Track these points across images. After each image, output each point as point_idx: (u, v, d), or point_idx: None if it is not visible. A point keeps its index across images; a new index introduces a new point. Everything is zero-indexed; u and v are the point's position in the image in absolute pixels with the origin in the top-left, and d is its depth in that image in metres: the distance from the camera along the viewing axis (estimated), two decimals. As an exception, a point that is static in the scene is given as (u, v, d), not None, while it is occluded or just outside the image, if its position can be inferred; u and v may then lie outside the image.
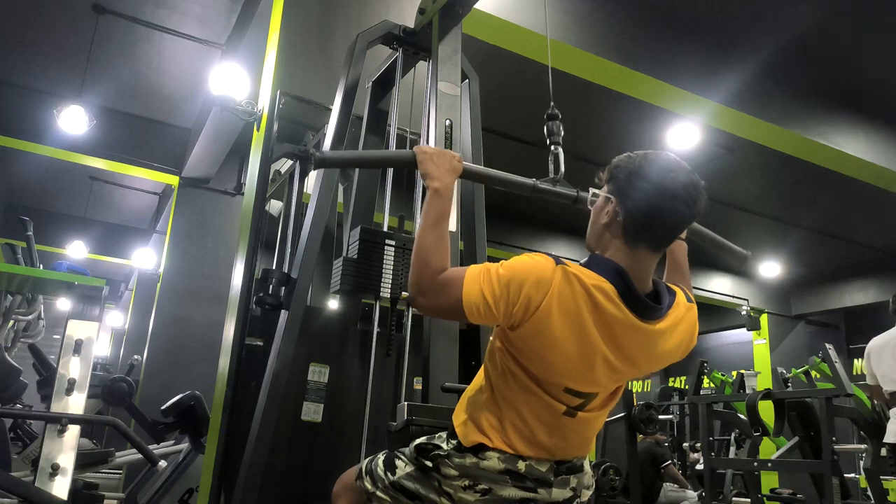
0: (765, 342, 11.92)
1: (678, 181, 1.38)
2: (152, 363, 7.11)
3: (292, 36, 3.62)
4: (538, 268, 1.35)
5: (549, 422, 1.42)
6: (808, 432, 4.90)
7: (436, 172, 1.60)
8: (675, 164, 1.41)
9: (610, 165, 1.47)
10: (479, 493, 1.44)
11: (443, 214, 1.52)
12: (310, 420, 2.40)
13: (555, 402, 1.41)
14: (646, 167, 1.40)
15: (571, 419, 1.44)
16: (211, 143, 6.92)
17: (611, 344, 1.36)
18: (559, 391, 1.41)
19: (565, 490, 1.47)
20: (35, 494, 2.49)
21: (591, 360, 1.36)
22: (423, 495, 1.53)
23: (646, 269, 1.42)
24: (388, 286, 2.45)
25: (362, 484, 1.65)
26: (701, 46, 5.55)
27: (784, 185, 8.47)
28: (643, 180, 1.38)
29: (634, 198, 1.38)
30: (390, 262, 2.47)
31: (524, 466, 1.43)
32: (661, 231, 1.42)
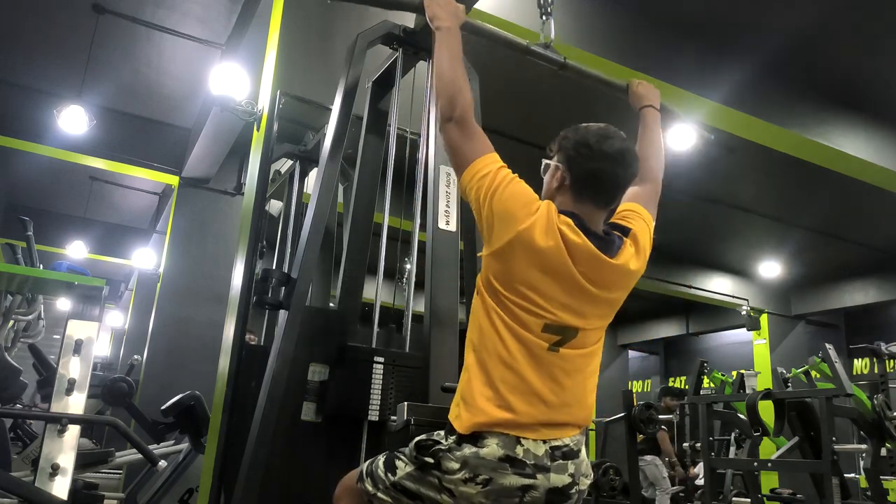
0: (765, 342, 11.92)
1: (614, 147, 1.60)
2: (152, 363, 7.11)
3: (292, 36, 3.62)
4: (529, 195, 1.56)
5: (535, 364, 1.51)
6: (808, 432, 4.90)
7: (442, 14, 1.86)
8: (612, 133, 1.63)
9: (558, 137, 1.68)
10: (479, 485, 1.46)
11: (454, 48, 1.78)
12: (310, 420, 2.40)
13: (537, 340, 1.52)
14: (587, 136, 1.62)
15: (556, 355, 1.53)
16: (211, 143, 6.91)
17: (580, 270, 1.53)
18: (539, 331, 1.52)
19: (564, 476, 1.50)
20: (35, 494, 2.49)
21: (566, 281, 1.53)
22: (423, 494, 1.54)
23: (595, 221, 1.61)
24: (377, 408, 2.27)
25: (363, 486, 1.65)
26: (701, 46, 5.55)
27: (784, 185, 8.47)
28: (585, 148, 1.60)
29: (579, 162, 1.60)
30: (378, 381, 2.29)
31: (522, 452, 1.46)
32: (603, 189, 1.61)
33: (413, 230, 2.52)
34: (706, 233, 10.46)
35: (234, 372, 2.78)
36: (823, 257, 11.03)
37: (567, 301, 1.53)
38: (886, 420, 4.85)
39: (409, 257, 2.74)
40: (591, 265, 1.54)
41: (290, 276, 2.42)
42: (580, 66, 2.29)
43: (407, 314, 2.50)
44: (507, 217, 1.51)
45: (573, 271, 1.52)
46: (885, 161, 6.56)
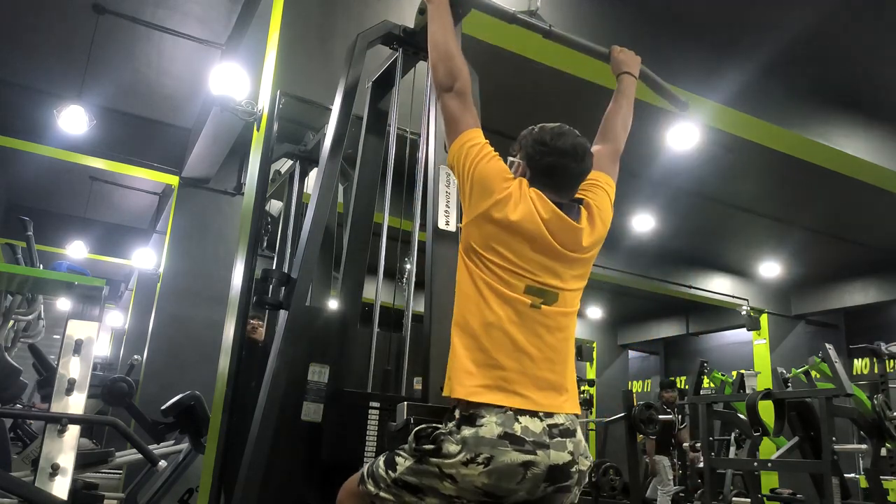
0: (765, 342, 11.92)
1: (567, 143, 1.72)
2: (152, 363, 7.11)
3: (292, 36, 3.62)
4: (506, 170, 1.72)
5: (518, 321, 1.61)
6: (808, 432, 4.90)
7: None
8: (565, 130, 1.75)
9: (519, 137, 1.80)
10: (481, 465, 1.48)
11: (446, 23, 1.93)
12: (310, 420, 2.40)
13: (521, 297, 1.63)
14: (542, 134, 1.75)
15: (538, 312, 1.63)
16: (211, 143, 6.91)
17: (552, 234, 1.66)
18: (521, 292, 1.63)
19: (563, 453, 1.54)
20: (35, 494, 2.49)
21: (541, 243, 1.65)
22: (426, 486, 1.55)
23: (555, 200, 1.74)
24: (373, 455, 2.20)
25: (365, 488, 1.66)
26: (701, 46, 5.55)
27: (784, 185, 8.47)
28: (541, 145, 1.73)
29: (536, 158, 1.73)
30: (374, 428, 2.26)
31: (520, 429, 1.50)
32: (559, 180, 1.74)
33: (413, 230, 2.52)
34: (706, 233, 10.46)
35: (234, 372, 2.78)
36: (823, 257, 11.03)
37: (545, 262, 1.66)
38: (886, 420, 4.86)
39: (409, 257, 2.74)
40: (560, 228, 1.68)
41: (290, 276, 2.42)
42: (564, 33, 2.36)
43: (407, 314, 2.50)
44: (486, 185, 1.67)
45: (545, 234, 1.65)
46: (885, 161, 6.56)
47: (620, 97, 2.18)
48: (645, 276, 10.94)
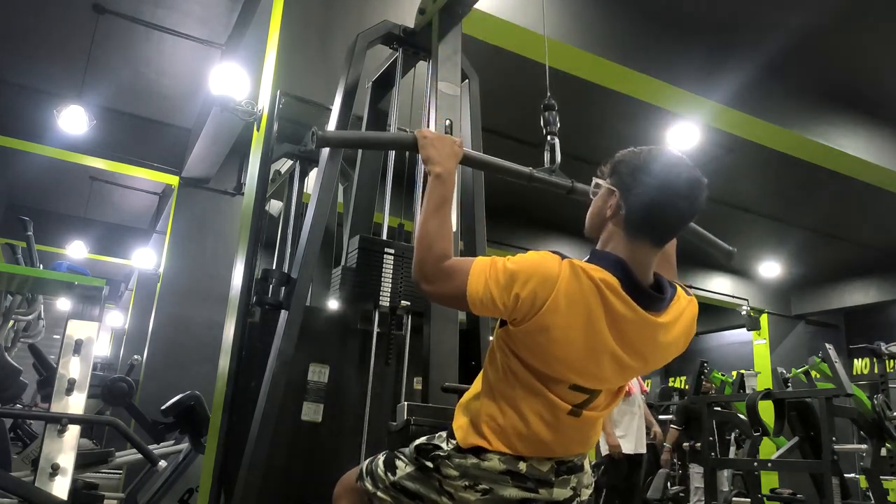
0: (765, 342, 11.92)
1: (681, 178, 1.40)
2: (152, 363, 7.11)
3: (292, 36, 3.62)
4: (545, 263, 1.35)
5: (551, 422, 1.41)
6: (808, 432, 4.90)
7: (437, 157, 1.60)
8: (678, 161, 1.43)
9: (613, 159, 1.48)
10: (479, 493, 1.44)
11: (445, 199, 1.54)
12: (310, 420, 2.40)
13: (558, 401, 1.41)
14: (650, 163, 1.41)
15: (576, 419, 1.43)
16: (211, 143, 6.91)
17: (618, 339, 1.36)
18: (564, 389, 1.41)
19: (566, 490, 1.48)
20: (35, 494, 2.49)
21: (598, 354, 1.37)
22: (423, 495, 1.53)
23: (647, 262, 1.43)
24: (388, 294, 2.47)
25: (363, 485, 1.65)
26: (701, 46, 5.55)
27: (784, 185, 8.47)
28: (647, 176, 1.40)
29: (637, 193, 1.40)
30: (389, 271, 2.50)
31: (525, 467, 1.43)
32: (663, 227, 1.43)
33: (413, 230, 2.52)
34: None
35: (234, 372, 2.77)
36: (823, 257, 11.03)
37: (599, 372, 1.40)
38: (886, 420, 4.86)
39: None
40: (636, 331, 1.38)
41: (290, 276, 2.42)
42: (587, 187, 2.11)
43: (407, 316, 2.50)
44: (524, 303, 1.33)
45: (611, 344, 1.36)
46: (885, 161, 6.56)
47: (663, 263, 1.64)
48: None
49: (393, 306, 2.48)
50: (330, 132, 2.05)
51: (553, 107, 2.00)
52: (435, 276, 1.43)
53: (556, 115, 2.01)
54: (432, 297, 1.52)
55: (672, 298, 1.44)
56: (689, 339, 1.51)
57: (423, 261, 1.45)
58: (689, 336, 1.50)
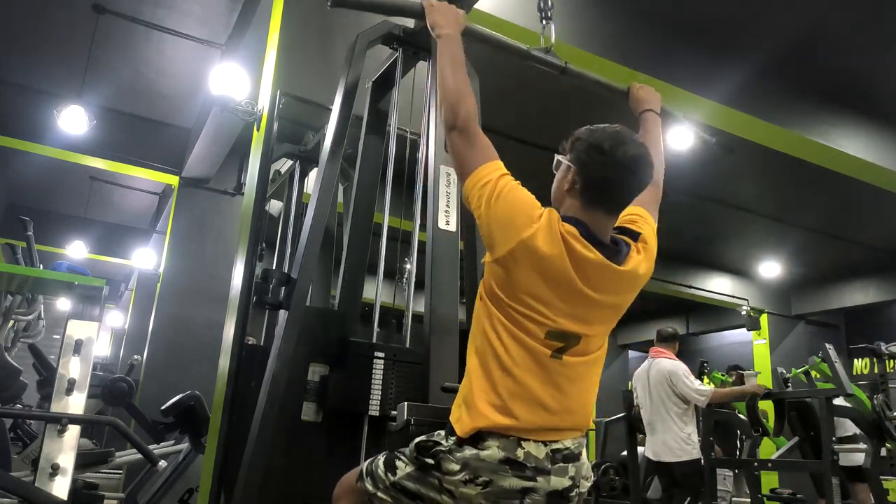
0: (765, 342, 11.92)
1: (628, 154, 1.55)
2: (152, 363, 7.11)
3: (292, 36, 3.62)
4: (530, 204, 1.54)
5: (538, 371, 1.50)
6: (808, 432, 4.90)
7: (442, 21, 1.84)
8: (626, 138, 1.57)
9: (572, 136, 1.63)
10: (479, 486, 1.46)
11: (455, 56, 1.76)
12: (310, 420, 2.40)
13: (539, 346, 1.51)
14: (601, 141, 1.56)
15: (559, 362, 1.52)
16: (211, 143, 6.91)
17: (584, 279, 1.51)
18: (542, 338, 1.51)
19: (564, 479, 1.50)
20: (35, 494, 2.49)
21: (567, 291, 1.51)
22: (423, 494, 1.54)
23: (604, 227, 1.58)
24: (377, 404, 2.28)
25: (363, 486, 1.65)
26: (701, 46, 5.55)
27: (784, 185, 8.47)
28: (598, 153, 1.55)
29: (590, 168, 1.56)
30: (379, 377, 2.30)
31: (522, 455, 1.46)
32: (614, 198, 1.59)
33: (413, 230, 2.52)
34: (706, 233, 10.46)
35: (234, 372, 2.78)
36: (823, 257, 11.03)
37: (570, 309, 1.52)
38: (886, 420, 4.86)
39: (409, 257, 2.74)
40: (599, 274, 1.52)
41: (290, 276, 2.42)
42: (580, 70, 2.29)
43: (407, 314, 2.50)
44: (509, 225, 1.49)
45: (575, 280, 1.49)
46: (885, 161, 6.56)
47: (648, 136, 2.00)
48: (645, 276, 10.93)
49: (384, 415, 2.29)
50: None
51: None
52: (464, 130, 1.63)
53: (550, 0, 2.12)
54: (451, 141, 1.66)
55: (629, 252, 1.60)
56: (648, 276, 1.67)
57: (457, 110, 1.65)
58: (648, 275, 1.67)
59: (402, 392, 2.29)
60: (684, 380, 4.60)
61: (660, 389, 4.73)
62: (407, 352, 2.36)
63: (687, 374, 4.65)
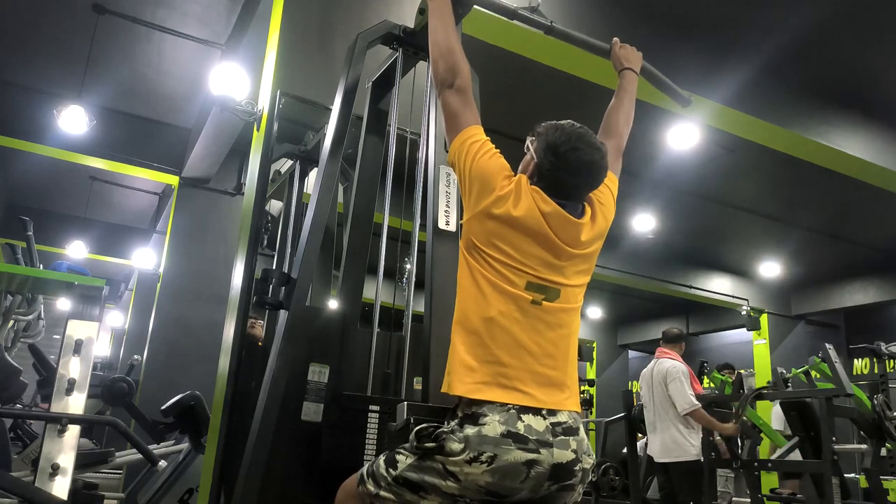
0: (765, 342, 11.92)
1: (581, 160, 1.65)
2: (152, 363, 7.11)
3: (292, 36, 3.62)
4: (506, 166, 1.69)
5: (519, 317, 1.59)
6: (808, 432, 4.90)
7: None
8: (583, 142, 1.67)
9: (539, 127, 1.74)
10: (484, 463, 1.47)
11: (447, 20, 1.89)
12: (310, 420, 2.40)
13: (522, 294, 1.61)
14: (557, 143, 1.67)
15: (539, 309, 1.61)
16: (211, 143, 6.91)
17: (553, 230, 1.64)
18: (522, 288, 1.61)
19: (567, 451, 1.52)
20: (35, 494, 2.49)
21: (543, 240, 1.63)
22: (427, 483, 1.53)
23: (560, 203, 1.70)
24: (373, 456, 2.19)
25: (364, 488, 1.64)
26: (701, 46, 5.55)
27: (784, 185, 8.47)
28: (552, 155, 1.66)
29: (545, 166, 1.67)
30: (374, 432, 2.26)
31: (523, 427, 1.49)
32: (567, 193, 1.69)
33: (413, 230, 2.52)
34: (706, 233, 10.46)
35: (234, 372, 2.78)
36: (823, 257, 11.03)
37: (546, 258, 1.63)
38: (886, 420, 4.86)
39: (409, 257, 2.74)
40: (561, 224, 1.65)
41: (290, 276, 2.42)
42: (565, 29, 2.37)
43: (407, 314, 2.50)
44: (487, 182, 1.64)
45: (546, 229, 1.62)
46: (885, 161, 6.56)
47: (622, 93, 2.16)
48: (645, 276, 10.95)
49: None
50: None
51: None
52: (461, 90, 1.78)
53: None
54: (445, 100, 1.78)
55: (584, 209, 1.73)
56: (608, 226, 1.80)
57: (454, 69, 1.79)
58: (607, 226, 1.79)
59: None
60: (676, 381, 4.66)
61: (660, 390, 4.77)
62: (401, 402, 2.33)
63: (682, 377, 4.68)
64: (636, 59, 2.30)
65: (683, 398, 4.59)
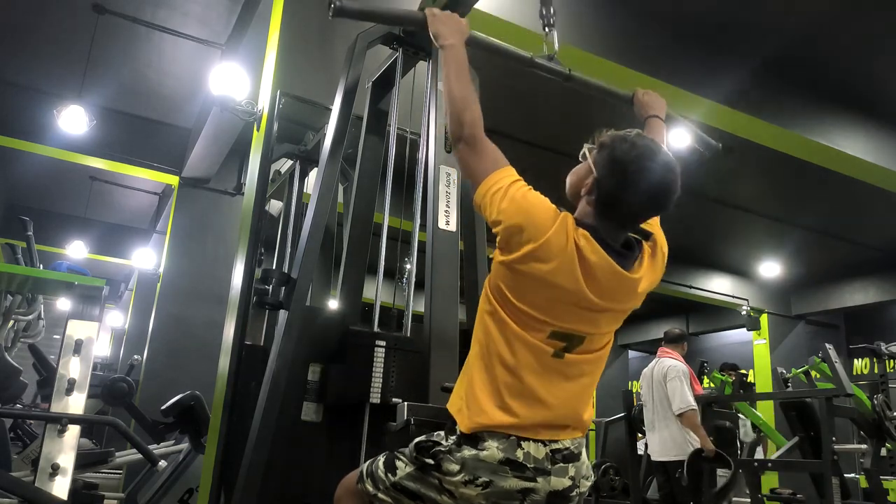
0: (765, 342, 11.91)
1: (650, 181, 1.48)
2: (152, 363, 7.11)
3: (292, 36, 3.62)
4: (544, 208, 1.49)
5: (538, 369, 1.49)
6: (808, 432, 4.90)
7: (445, 31, 1.79)
8: (656, 162, 1.49)
9: (605, 137, 1.56)
10: (480, 487, 1.46)
11: (460, 65, 1.72)
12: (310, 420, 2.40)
13: (542, 345, 1.50)
14: (630, 163, 1.48)
15: (560, 361, 1.51)
16: (211, 143, 6.91)
17: (593, 286, 1.48)
18: (545, 337, 1.50)
19: (564, 479, 1.50)
20: (35, 494, 2.49)
21: (577, 295, 1.47)
22: (424, 494, 1.54)
23: (614, 235, 1.53)
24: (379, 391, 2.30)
25: (363, 487, 1.65)
26: (701, 47, 5.55)
27: (784, 185, 8.47)
28: (623, 175, 1.48)
29: (611, 183, 1.50)
30: (380, 365, 2.31)
31: (522, 455, 1.46)
32: (628, 219, 1.54)
33: (413, 230, 2.52)
34: (706, 233, 10.46)
35: (234, 372, 2.78)
36: (823, 257, 11.03)
37: (576, 313, 1.50)
38: (886, 420, 4.86)
39: (409, 257, 2.74)
40: (608, 281, 1.49)
41: (290, 276, 2.42)
42: (585, 77, 2.29)
43: (407, 314, 2.50)
44: (521, 231, 1.46)
45: (584, 288, 1.47)
46: (885, 161, 6.56)
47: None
48: (644, 276, 10.92)
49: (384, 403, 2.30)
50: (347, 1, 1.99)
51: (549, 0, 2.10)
52: (471, 141, 1.60)
53: (552, 7, 2.09)
54: (459, 155, 1.64)
55: (640, 256, 1.55)
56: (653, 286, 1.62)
57: (461, 121, 1.61)
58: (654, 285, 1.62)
59: (402, 379, 2.32)
60: (675, 380, 4.65)
61: (660, 388, 4.77)
62: (406, 340, 2.38)
63: (681, 376, 4.67)
64: (660, 105, 2.13)
65: (680, 397, 4.59)
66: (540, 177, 1.93)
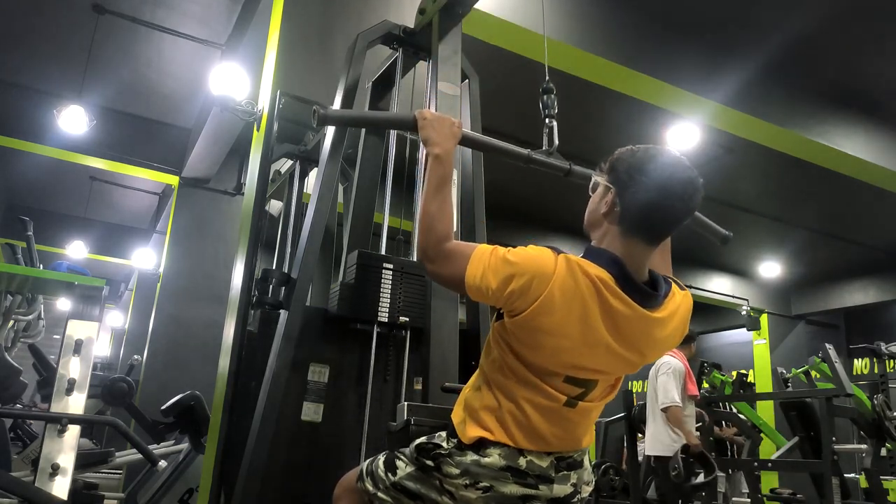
0: (765, 342, 11.92)
1: (676, 178, 1.42)
2: (152, 363, 7.11)
3: (292, 36, 3.62)
4: (541, 259, 1.38)
5: (548, 413, 1.44)
6: (808, 432, 4.90)
7: (436, 138, 1.63)
8: (674, 161, 1.44)
9: (612, 157, 1.49)
10: (480, 491, 1.45)
11: (444, 179, 1.57)
12: (310, 420, 2.40)
13: (555, 393, 1.43)
14: (646, 163, 1.43)
15: (571, 409, 1.46)
16: (211, 143, 6.91)
17: (614, 333, 1.39)
18: (559, 381, 1.43)
19: (566, 486, 1.48)
20: (35, 494, 2.49)
21: (593, 348, 1.39)
22: (424, 495, 1.53)
23: (642, 260, 1.45)
24: (387, 311, 2.43)
25: (363, 486, 1.65)
26: (701, 46, 5.55)
27: (784, 185, 8.47)
28: (643, 175, 1.41)
29: (633, 192, 1.41)
30: (388, 286, 2.44)
31: (525, 463, 1.44)
32: (658, 226, 1.45)
33: (413, 230, 2.52)
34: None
35: (234, 372, 2.77)
36: (823, 257, 11.03)
37: (593, 359, 1.42)
38: (886, 420, 4.86)
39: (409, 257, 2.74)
40: (631, 327, 1.40)
41: (290, 276, 2.42)
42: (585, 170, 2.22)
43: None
44: (521, 295, 1.36)
45: (604, 334, 1.38)
46: (885, 161, 6.56)
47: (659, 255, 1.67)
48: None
49: (392, 322, 2.43)
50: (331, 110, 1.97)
51: (551, 90, 2.04)
52: (437, 256, 1.47)
53: (554, 99, 2.05)
54: (433, 276, 1.55)
55: (667, 294, 1.46)
56: (683, 333, 1.54)
57: (426, 241, 1.49)
58: (684, 331, 1.53)
59: (407, 300, 2.46)
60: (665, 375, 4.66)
61: (653, 384, 4.80)
62: (413, 265, 2.48)
63: (672, 373, 4.67)
64: None
65: (665, 393, 4.61)
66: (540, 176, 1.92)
